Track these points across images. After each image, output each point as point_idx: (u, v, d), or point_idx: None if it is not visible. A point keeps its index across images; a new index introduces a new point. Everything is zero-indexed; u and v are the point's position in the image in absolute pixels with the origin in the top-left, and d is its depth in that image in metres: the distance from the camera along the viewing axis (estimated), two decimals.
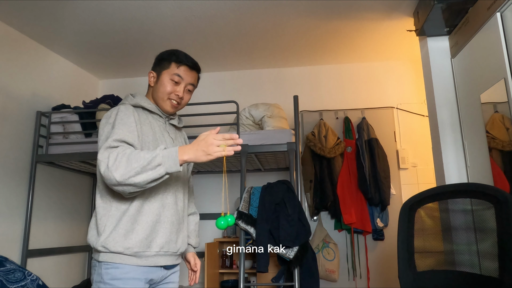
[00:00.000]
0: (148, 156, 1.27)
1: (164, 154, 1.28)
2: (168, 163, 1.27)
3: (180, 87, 1.54)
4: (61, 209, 3.34)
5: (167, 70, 1.54)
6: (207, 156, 1.27)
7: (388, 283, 3.35)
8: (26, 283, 2.21)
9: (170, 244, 1.46)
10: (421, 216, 1.73)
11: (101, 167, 1.29)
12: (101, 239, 1.36)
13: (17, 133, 2.96)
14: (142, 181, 1.26)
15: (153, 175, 1.26)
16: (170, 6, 2.75)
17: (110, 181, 1.27)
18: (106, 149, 1.32)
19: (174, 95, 1.54)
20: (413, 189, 3.47)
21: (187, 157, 1.28)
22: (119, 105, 1.49)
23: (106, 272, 1.36)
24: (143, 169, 1.25)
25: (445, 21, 2.56)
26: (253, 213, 2.58)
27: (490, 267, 1.45)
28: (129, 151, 1.30)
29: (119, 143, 1.33)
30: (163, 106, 1.55)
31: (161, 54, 1.61)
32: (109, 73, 3.97)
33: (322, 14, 2.90)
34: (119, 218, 1.39)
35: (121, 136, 1.35)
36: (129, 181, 1.25)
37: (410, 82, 3.72)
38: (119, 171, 1.25)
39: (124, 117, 1.41)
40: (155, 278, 1.46)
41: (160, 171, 1.26)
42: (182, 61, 1.55)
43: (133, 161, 1.26)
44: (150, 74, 1.59)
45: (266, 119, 3.02)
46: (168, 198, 1.48)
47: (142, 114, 1.51)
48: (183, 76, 1.54)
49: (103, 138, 1.39)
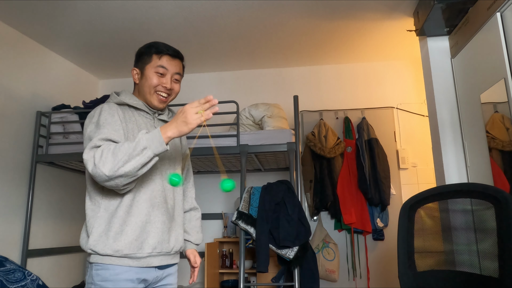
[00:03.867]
0: (132, 144, 1.26)
1: (147, 137, 1.27)
2: (154, 144, 1.26)
3: (166, 78, 1.51)
4: (61, 209, 3.34)
5: (149, 64, 1.50)
6: (187, 125, 1.27)
7: (388, 283, 3.35)
8: (26, 283, 2.21)
9: (162, 244, 1.44)
10: (421, 216, 1.73)
11: (89, 166, 1.28)
12: (90, 242, 1.35)
13: (17, 133, 2.96)
14: (132, 168, 1.25)
15: (141, 160, 1.25)
16: (170, 6, 2.75)
17: (100, 177, 1.26)
18: (91, 149, 1.30)
19: (161, 87, 1.50)
20: (413, 189, 3.47)
21: (170, 133, 1.28)
22: (102, 104, 1.46)
23: (97, 274, 1.35)
24: (129, 157, 1.24)
25: (445, 21, 2.56)
26: (253, 213, 2.58)
27: (490, 267, 1.45)
28: (113, 146, 1.29)
29: (103, 141, 1.32)
30: (150, 101, 1.52)
31: (139, 49, 1.57)
32: (109, 73, 3.97)
33: (322, 14, 2.90)
34: (107, 220, 1.37)
35: (106, 135, 1.34)
36: (118, 172, 1.24)
37: (410, 82, 3.72)
38: (107, 165, 1.25)
39: (108, 116, 1.40)
40: (148, 278, 1.44)
41: (148, 153, 1.25)
42: (162, 51, 1.50)
43: (118, 153, 1.26)
44: (133, 72, 1.55)
45: (266, 119, 3.02)
46: (157, 197, 1.46)
47: (127, 111, 1.48)
48: (167, 66, 1.50)
49: (86, 137, 1.38)
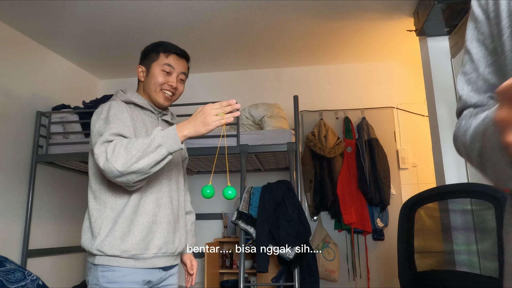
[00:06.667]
0: (146, 140, 1.25)
1: (163, 134, 1.25)
2: (169, 142, 1.24)
3: (172, 77, 1.51)
4: (61, 209, 3.34)
5: (156, 61, 1.51)
6: (206, 127, 1.25)
7: (388, 283, 3.35)
8: (26, 283, 2.21)
9: (168, 244, 1.43)
10: (421, 216, 1.73)
11: (100, 160, 1.26)
12: (96, 243, 1.33)
13: (17, 133, 2.96)
14: (145, 165, 1.23)
15: (155, 157, 1.23)
16: (170, 6, 2.75)
17: (112, 173, 1.24)
18: (102, 144, 1.28)
19: (167, 85, 1.50)
20: (413, 189, 3.47)
21: (187, 131, 1.26)
22: (110, 101, 1.45)
23: (102, 275, 1.33)
24: (144, 153, 1.22)
25: (445, 21, 2.55)
26: (253, 213, 2.58)
27: (490, 267, 1.45)
28: (125, 141, 1.27)
29: (114, 136, 1.30)
30: (156, 98, 1.51)
31: (146, 47, 1.57)
32: (109, 73, 3.97)
33: (322, 14, 2.90)
34: (114, 220, 1.35)
35: (117, 130, 1.32)
36: (131, 168, 1.22)
37: (410, 82, 3.72)
38: (120, 161, 1.22)
39: (118, 113, 1.38)
40: (153, 279, 1.43)
41: (162, 151, 1.24)
42: (170, 50, 1.52)
43: (131, 149, 1.23)
44: (138, 69, 1.55)
45: (266, 119, 3.02)
46: (163, 198, 1.45)
47: (134, 110, 1.47)
48: (173, 65, 1.51)
49: (95, 133, 1.34)
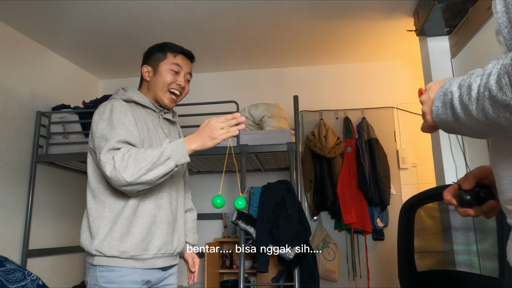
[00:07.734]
0: (156, 153, 1.27)
1: (172, 147, 1.28)
2: (177, 155, 1.28)
3: (180, 76, 1.53)
4: (61, 209, 3.34)
5: (164, 61, 1.52)
6: (213, 140, 1.29)
7: (388, 283, 3.35)
8: (26, 283, 2.21)
9: (167, 245, 1.43)
10: (421, 216, 1.72)
11: (107, 168, 1.26)
12: (95, 243, 1.33)
13: (17, 133, 2.96)
14: (153, 177, 1.26)
15: (163, 169, 1.26)
16: (170, 6, 2.75)
17: (119, 182, 1.26)
18: (109, 151, 1.29)
19: (175, 84, 1.52)
20: (413, 189, 3.47)
21: (194, 145, 1.30)
22: (111, 100, 1.44)
23: (101, 275, 1.33)
24: (153, 166, 1.25)
25: (445, 21, 2.55)
26: (253, 213, 2.58)
27: (490, 267, 1.45)
28: (133, 150, 1.29)
29: (121, 144, 1.31)
30: (162, 99, 1.52)
31: (151, 47, 1.58)
32: (109, 73, 3.97)
33: (322, 14, 2.90)
34: (113, 220, 1.35)
35: (124, 136, 1.32)
36: (140, 179, 1.25)
37: (410, 82, 3.72)
38: (128, 171, 1.24)
39: (122, 116, 1.38)
40: (152, 279, 1.43)
41: (170, 164, 1.27)
42: (177, 50, 1.54)
43: (141, 160, 1.26)
44: (144, 69, 1.55)
45: (266, 119, 3.02)
46: (163, 198, 1.45)
47: (135, 109, 1.47)
48: (181, 65, 1.53)
49: (99, 136, 1.34)
